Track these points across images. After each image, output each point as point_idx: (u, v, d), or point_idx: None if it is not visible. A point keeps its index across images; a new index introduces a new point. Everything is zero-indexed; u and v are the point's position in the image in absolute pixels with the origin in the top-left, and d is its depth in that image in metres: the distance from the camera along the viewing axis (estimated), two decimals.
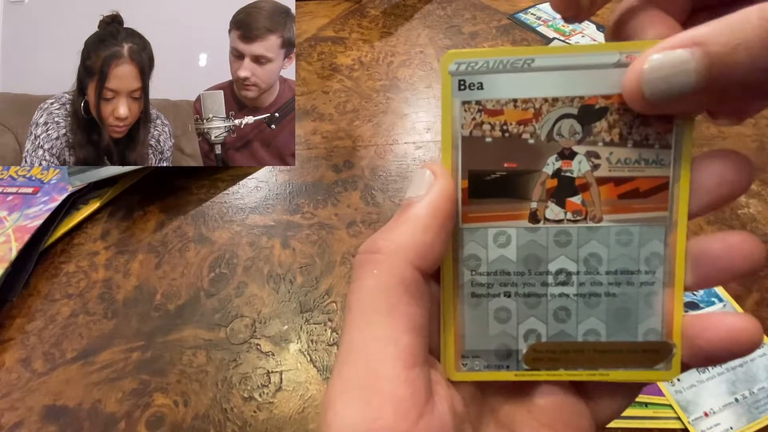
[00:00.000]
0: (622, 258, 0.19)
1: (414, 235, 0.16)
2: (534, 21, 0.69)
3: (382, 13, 0.71)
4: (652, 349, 0.19)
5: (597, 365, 0.19)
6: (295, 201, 0.46)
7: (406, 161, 0.49)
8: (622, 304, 0.19)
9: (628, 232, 0.19)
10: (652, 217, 0.19)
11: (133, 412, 0.33)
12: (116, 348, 0.36)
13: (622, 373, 0.19)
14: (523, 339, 0.19)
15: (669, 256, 0.19)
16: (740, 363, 0.34)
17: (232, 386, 0.34)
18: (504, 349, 0.19)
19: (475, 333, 0.19)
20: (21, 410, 0.33)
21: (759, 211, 0.44)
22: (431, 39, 0.66)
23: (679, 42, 0.15)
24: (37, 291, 0.39)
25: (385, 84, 0.59)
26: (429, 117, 0.54)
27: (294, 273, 0.40)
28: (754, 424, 0.32)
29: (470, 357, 0.19)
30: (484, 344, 0.19)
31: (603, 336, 0.19)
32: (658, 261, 0.19)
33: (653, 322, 0.19)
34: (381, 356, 0.15)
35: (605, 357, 0.19)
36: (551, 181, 0.19)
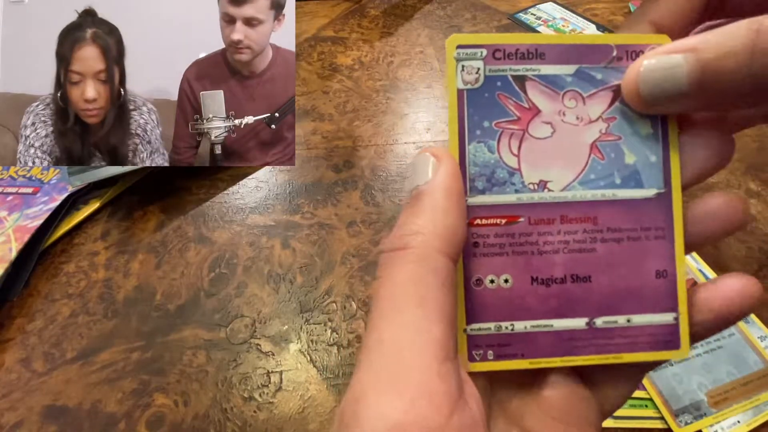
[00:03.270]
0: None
1: (436, 222, 0.16)
2: (534, 21, 0.69)
3: (382, 13, 0.71)
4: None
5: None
6: (295, 201, 0.46)
7: (406, 161, 0.49)
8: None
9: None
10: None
11: (133, 412, 0.33)
12: (116, 348, 0.36)
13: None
14: (698, 389, 0.23)
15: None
16: None
17: (232, 386, 0.34)
18: None
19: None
20: (21, 410, 0.33)
21: (759, 211, 0.44)
22: (431, 39, 0.66)
23: (674, 48, 0.16)
24: (37, 291, 0.39)
25: (385, 84, 0.59)
26: (429, 117, 0.54)
27: (294, 273, 0.40)
28: (761, 417, 0.32)
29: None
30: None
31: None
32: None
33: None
34: (414, 347, 0.14)
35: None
36: None
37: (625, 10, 0.71)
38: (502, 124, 0.20)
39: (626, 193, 0.20)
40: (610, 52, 0.20)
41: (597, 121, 0.20)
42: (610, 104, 0.20)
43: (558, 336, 0.19)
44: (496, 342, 0.19)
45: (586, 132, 0.20)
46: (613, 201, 0.20)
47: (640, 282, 0.20)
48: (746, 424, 0.31)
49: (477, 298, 0.19)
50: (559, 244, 0.20)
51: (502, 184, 0.20)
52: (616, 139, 0.20)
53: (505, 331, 0.19)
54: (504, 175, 0.20)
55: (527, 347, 0.19)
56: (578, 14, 0.70)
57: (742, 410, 0.32)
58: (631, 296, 0.20)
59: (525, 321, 0.19)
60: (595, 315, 0.20)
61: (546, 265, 0.19)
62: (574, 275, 0.20)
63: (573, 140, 0.20)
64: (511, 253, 0.19)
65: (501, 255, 0.19)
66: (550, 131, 0.20)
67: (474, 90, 0.19)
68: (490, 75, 0.20)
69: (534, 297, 0.19)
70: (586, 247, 0.20)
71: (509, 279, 0.19)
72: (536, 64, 0.20)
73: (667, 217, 0.20)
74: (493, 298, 0.19)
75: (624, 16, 0.70)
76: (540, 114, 0.20)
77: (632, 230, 0.20)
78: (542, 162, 0.20)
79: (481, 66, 0.19)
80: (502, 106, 0.20)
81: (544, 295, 0.19)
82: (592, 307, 0.20)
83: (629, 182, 0.20)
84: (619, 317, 0.20)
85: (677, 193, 0.20)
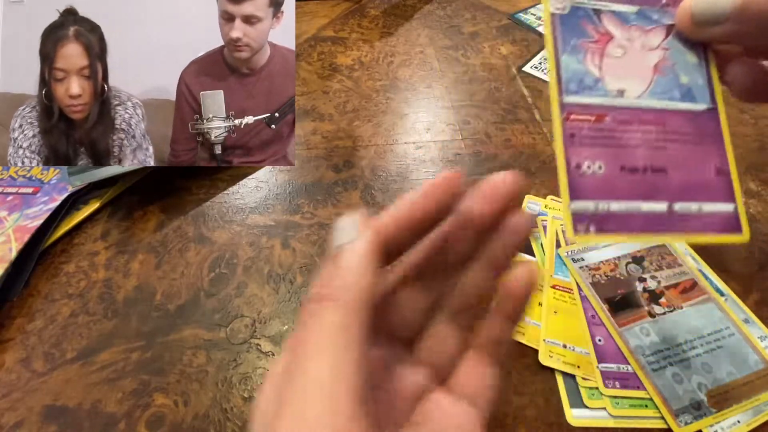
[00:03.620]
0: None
1: (360, 278, 0.17)
2: (534, 21, 0.69)
3: (382, 13, 0.71)
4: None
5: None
6: (295, 201, 0.46)
7: (406, 161, 0.49)
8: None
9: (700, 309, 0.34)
10: (703, 299, 0.36)
11: (133, 412, 0.33)
12: (116, 348, 0.36)
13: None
14: (698, 389, 0.32)
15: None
16: None
17: (232, 386, 0.34)
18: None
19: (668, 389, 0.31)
20: (21, 410, 0.33)
21: (759, 211, 0.44)
22: (431, 39, 0.66)
23: None
24: (37, 291, 0.39)
25: (385, 84, 0.59)
26: (429, 117, 0.54)
27: (294, 273, 0.40)
28: (761, 417, 0.32)
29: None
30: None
31: None
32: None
33: None
34: (336, 392, 0.15)
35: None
36: (645, 294, 0.36)
37: None
38: (585, 43, 0.26)
39: (685, 106, 0.25)
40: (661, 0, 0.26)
41: (657, 49, 0.26)
42: (665, 38, 0.26)
43: (646, 217, 0.24)
44: (597, 218, 0.23)
45: (649, 56, 0.26)
46: (676, 111, 0.25)
47: (704, 177, 0.25)
48: (746, 424, 0.31)
49: (577, 180, 0.23)
50: (638, 140, 0.24)
51: (589, 88, 0.25)
52: (672, 64, 0.26)
53: (602, 210, 0.23)
54: (590, 81, 0.25)
55: (623, 224, 0.23)
56: None
57: (742, 410, 0.32)
58: (699, 188, 0.24)
59: (619, 202, 0.23)
60: (673, 200, 0.24)
61: (630, 156, 0.24)
62: (653, 166, 0.24)
63: (640, 61, 0.26)
64: (601, 144, 0.24)
65: (593, 146, 0.24)
66: (622, 52, 0.26)
67: (563, 15, 0.26)
68: (575, 6, 0.26)
69: (623, 182, 0.24)
70: (659, 144, 0.25)
71: (602, 166, 0.24)
72: (608, 2, 0.26)
73: (717, 126, 0.25)
74: (591, 181, 0.23)
75: None
76: (614, 39, 0.26)
77: (693, 134, 0.25)
78: (619, 74, 0.25)
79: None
80: (585, 30, 0.26)
81: (631, 181, 0.24)
82: (670, 194, 0.24)
83: (686, 97, 0.25)
84: (692, 204, 0.24)
85: (722, 109, 0.25)
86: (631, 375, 0.33)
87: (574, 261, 0.39)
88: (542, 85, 0.58)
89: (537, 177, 0.48)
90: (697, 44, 0.26)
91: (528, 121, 0.54)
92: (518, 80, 0.59)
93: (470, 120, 0.54)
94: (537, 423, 0.32)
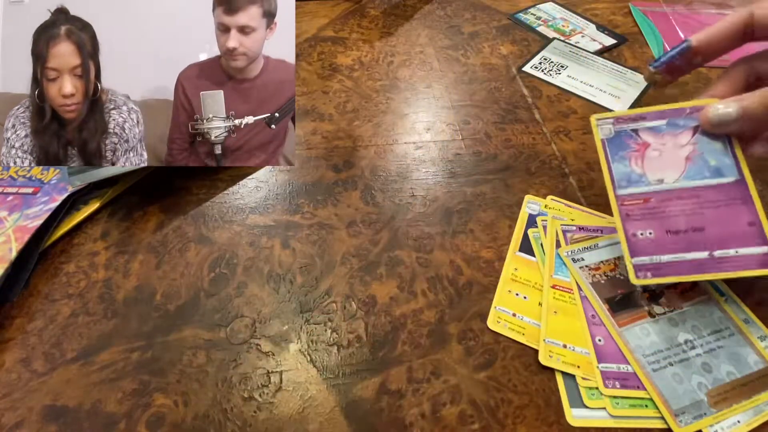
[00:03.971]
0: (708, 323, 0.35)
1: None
2: (534, 21, 0.69)
3: (382, 13, 0.71)
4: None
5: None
6: (295, 201, 0.46)
7: (406, 161, 0.49)
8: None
9: (700, 309, 0.36)
10: (703, 299, 0.37)
11: (133, 412, 0.33)
12: (116, 348, 0.36)
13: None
14: (698, 389, 0.33)
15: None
16: None
17: (232, 386, 0.34)
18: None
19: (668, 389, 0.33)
20: (21, 410, 0.33)
21: None
22: (431, 39, 0.66)
23: (729, 99, 0.34)
24: (37, 291, 0.39)
25: (385, 84, 0.59)
26: (429, 117, 0.54)
27: (294, 273, 0.40)
28: (761, 417, 0.32)
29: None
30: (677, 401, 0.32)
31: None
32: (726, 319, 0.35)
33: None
34: None
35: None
36: (645, 294, 0.37)
37: (624, 10, 0.71)
38: (629, 153, 0.36)
39: (716, 181, 0.34)
40: (685, 111, 0.36)
41: (686, 145, 0.35)
42: (692, 135, 0.35)
43: (691, 263, 0.33)
44: (652, 267, 0.33)
45: (680, 151, 0.35)
46: (708, 186, 0.34)
47: (738, 230, 0.32)
48: (746, 424, 0.31)
49: (634, 243, 0.34)
50: (679, 212, 0.34)
51: (635, 182, 0.35)
52: (701, 153, 0.35)
53: (656, 261, 0.33)
54: (636, 178, 0.35)
55: (673, 269, 0.33)
56: (578, 14, 0.70)
57: (742, 410, 0.32)
58: (734, 238, 0.32)
59: (667, 255, 0.33)
60: (713, 249, 0.32)
61: (673, 223, 0.33)
62: (693, 227, 0.33)
63: (673, 156, 0.35)
64: (649, 218, 0.34)
65: (643, 219, 0.34)
66: (658, 153, 0.35)
67: (610, 139, 0.36)
68: (617, 130, 0.36)
69: (669, 241, 0.33)
70: (697, 211, 0.33)
71: (652, 232, 0.34)
72: (642, 122, 0.36)
73: (746, 191, 0.33)
74: (644, 243, 0.34)
75: (624, 16, 0.70)
76: (650, 146, 0.36)
77: (725, 200, 0.33)
78: (657, 169, 0.35)
79: (611, 126, 0.37)
80: (627, 144, 0.36)
81: (675, 240, 0.33)
82: (709, 244, 0.33)
83: (715, 175, 0.34)
84: (730, 250, 0.32)
85: (749, 177, 0.33)
86: (631, 375, 0.34)
87: (574, 261, 0.39)
88: (542, 85, 0.58)
89: (537, 177, 0.48)
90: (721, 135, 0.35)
91: (528, 121, 0.54)
92: (518, 80, 0.59)
93: (470, 120, 0.54)
94: (537, 423, 0.32)
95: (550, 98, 0.56)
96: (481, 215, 0.44)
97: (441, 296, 0.39)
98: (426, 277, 0.40)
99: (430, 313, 0.38)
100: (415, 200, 0.46)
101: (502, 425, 0.32)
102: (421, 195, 0.46)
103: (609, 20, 0.69)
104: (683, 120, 0.35)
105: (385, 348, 0.36)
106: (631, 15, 0.70)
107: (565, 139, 0.52)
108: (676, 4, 0.70)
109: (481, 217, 0.44)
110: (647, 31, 0.66)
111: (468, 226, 0.44)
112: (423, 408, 0.33)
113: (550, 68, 0.60)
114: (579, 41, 0.65)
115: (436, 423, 0.32)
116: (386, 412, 0.33)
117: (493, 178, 0.48)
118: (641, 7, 0.71)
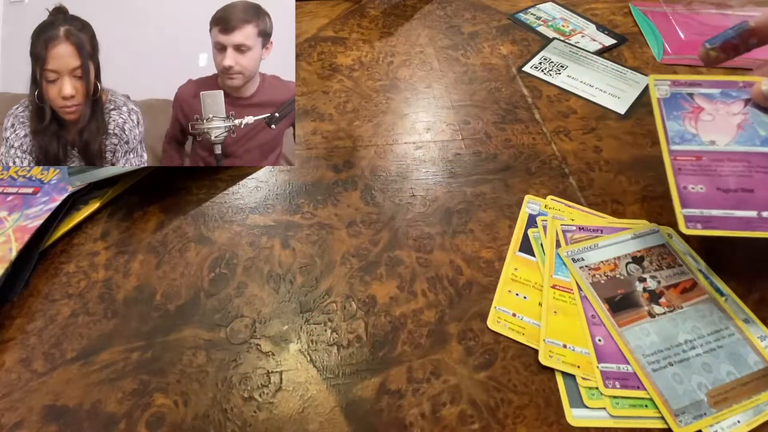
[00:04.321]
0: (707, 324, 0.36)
1: None
2: (534, 21, 0.69)
3: (382, 13, 0.71)
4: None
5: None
6: (295, 201, 0.46)
7: (406, 161, 0.49)
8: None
9: (700, 309, 0.36)
10: (703, 299, 0.37)
11: (133, 412, 0.33)
12: (116, 348, 0.36)
13: None
14: (698, 389, 0.33)
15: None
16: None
17: (232, 386, 0.34)
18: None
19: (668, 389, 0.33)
20: (21, 410, 0.33)
21: None
22: (431, 39, 0.66)
23: None
24: (37, 291, 0.39)
25: (385, 84, 0.59)
26: (429, 117, 0.54)
27: (294, 273, 0.40)
28: (761, 417, 0.32)
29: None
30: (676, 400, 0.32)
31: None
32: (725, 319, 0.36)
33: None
34: None
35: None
36: (645, 294, 0.37)
37: (624, 10, 0.71)
38: (683, 113, 0.39)
39: (765, 149, 0.37)
40: (738, 84, 0.39)
41: (738, 114, 0.38)
42: (744, 106, 0.38)
43: (740, 220, 0.34)
44: (702, 220, 0.35)
45: (732, 118, 0.38)
46: (758, 153, 0.36)
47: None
48: (746, 424, 0.31)
49: (685, 196, 0.35)
50: (729, 172, 0.36)
51: (689, 141, 0.38)
52: (751, 123, 0.38)
53: (706, 214, 0.35)
54: (689, 136, 0.38)
55: (722, 224, 0.34)
56: (578, 14, 0.70)
57: (742, 410, 0.32)
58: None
59: (717, 210, 0.35)
60: (761, 210, 0.34)
61: (723, 182, 0.36)
62: (743, 188, 0.35)
63: (725, 122, 0.38)
64: (701, 174, 0.36)
65: (695, 175, 0.36)
66: (711, 118, 0.38)
67: (665, 99, 0.39)
68: (673, 92, 0.39)
69: (719, 197, 0.35)
70: (746, 174, 0.36)
71: (703, 187, 0.36)
72: (697, 88, 0.40)
73: None
74: (695, 196, 0.35)
75: (624, 16, 0.70)
76: (704, 110, 0.39)
77: None
78: (710, 131, 0.38)
79: (668, 87, 0.40)
80: (682, 105, 0.39)
81: (725, 197, 0.35)
82: (758, 205, 0.35)
83: (765, 144, 0.37)
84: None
85: None
86: (631, 375, 0.34)
87: (574, 261, 0.39)
88: (542, 85, 0.58)
89: (537, 177, 0.48)
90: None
91: (528, 121, 0.54)
92: (518, 80, 0.59)
93: (470, 120, 0.54)
94: (537, 423, 0.32)
95: (550, 98, 0.56)
96: (481, 215, 0.44)
97: (441, 296, 0.39)
98: (426, 277, 0.40)
99: (430, 313, 0.38)
100: (415, 200, 0.46)
101: (502, 425, 0.32)
102: (421, 195, 0.46)
103: (609, 20, 0.69)
104: (736, 92, 0.39)
105: (385, 348, 0.36)
106: (631, 15, 0.70)
107: (565, 139, 0.52)
108: (676, 4, 0.70)
109: (481, 217, 0.44)
110: (647, 31, 0.66)
111: (468, 226, 0.44)
112: (423, 408, 0.33)
113: (550, 68, 0.60)
114: (579, 41, 0.65)
115: (436, 423, 0.32)
116: (386, 412, 0.33)
117: (493, 178, 0.48)
118: (641, 7, 0.71)
